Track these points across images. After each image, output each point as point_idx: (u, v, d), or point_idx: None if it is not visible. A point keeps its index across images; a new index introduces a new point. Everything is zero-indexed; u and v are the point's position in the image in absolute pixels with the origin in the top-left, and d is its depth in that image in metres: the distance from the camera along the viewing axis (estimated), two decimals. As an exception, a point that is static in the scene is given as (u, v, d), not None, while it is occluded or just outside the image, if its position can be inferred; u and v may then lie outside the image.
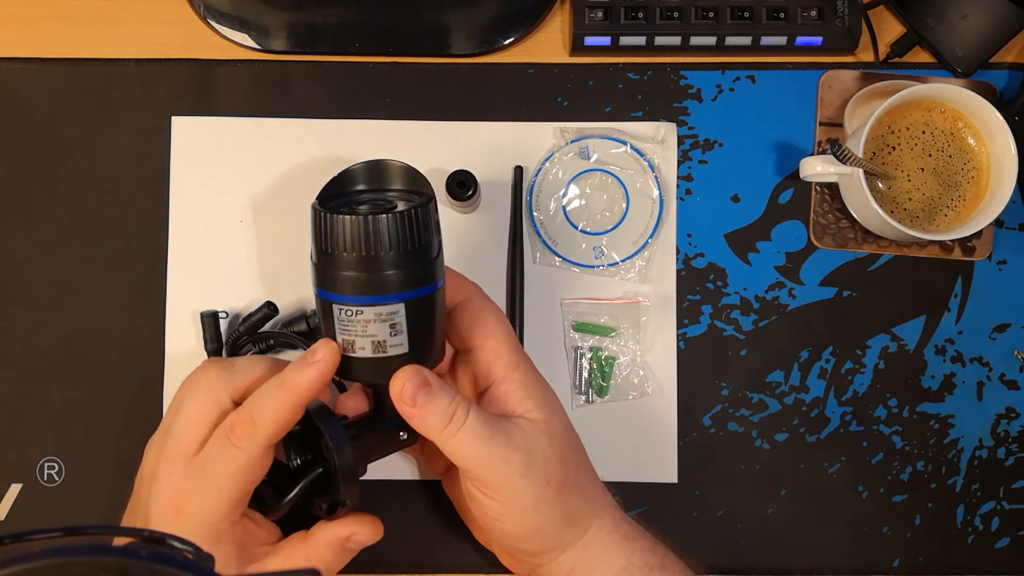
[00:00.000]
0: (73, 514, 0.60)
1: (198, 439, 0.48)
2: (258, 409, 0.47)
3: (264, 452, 0.47)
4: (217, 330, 0.60)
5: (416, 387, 0.47)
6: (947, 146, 0.61)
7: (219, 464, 0.47)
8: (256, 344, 0.60)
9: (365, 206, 0.48)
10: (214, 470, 0.47)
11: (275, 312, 0.60)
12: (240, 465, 0.47)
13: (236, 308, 0.62)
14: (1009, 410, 0.63)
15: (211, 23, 0.64)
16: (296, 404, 0.47)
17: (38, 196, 0.63)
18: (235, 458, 0.47)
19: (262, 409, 0.47)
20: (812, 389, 0.62)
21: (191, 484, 0.48)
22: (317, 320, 0.51)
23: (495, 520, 0.50)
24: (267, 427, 0.47)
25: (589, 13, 0.62)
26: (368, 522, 0.51)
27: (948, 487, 0.62)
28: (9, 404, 0.61)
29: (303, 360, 0.48)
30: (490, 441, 0.48)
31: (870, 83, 0.64)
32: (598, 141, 0.63)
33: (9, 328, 0.62)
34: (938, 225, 0.61)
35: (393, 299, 0.46)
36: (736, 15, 0.62)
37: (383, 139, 0.63)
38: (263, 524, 0.52)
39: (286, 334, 0.60)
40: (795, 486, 0.62)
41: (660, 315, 0.62)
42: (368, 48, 0.64)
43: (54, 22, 0.64)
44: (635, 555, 0.52)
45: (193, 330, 0.62)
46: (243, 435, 0.47)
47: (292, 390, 0.47)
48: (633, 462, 0.62)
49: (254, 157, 0.63)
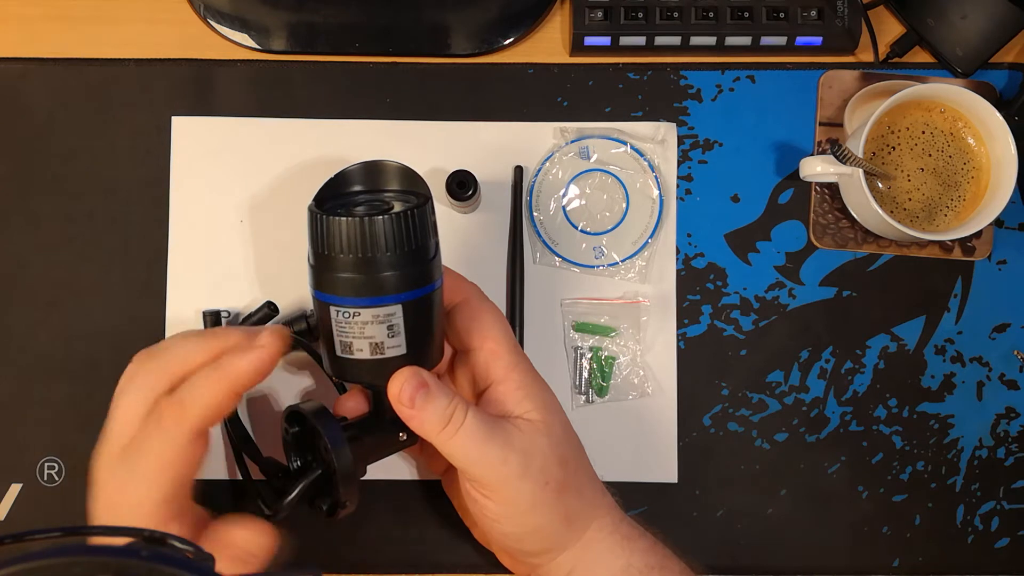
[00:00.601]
0: (73, 514, 0.60)
1: (130, 435, 0.45)
2: (189, 393, 0.44)
3: (193, 439, 0.44)
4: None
5: (414, 388, 0.47)
6: (947, 146, 0.61)
7: (147, 454, 0.44)
8: None
9: (361, 207, 0.48)
10: (142, 461, 0.44)
11: (275, 312, 0.60)
12: (168, 453, 0.44)
13: (236, 308, 0.62)
14: (1009, 410, 0.63)
15: (211, 23, 0.64)
16: (232, 391, 0.45)
17: (38, 196, 0.63)
18: (163, 445, 0.44)
19: (193, 393, 0.44)
20: (812, 389, 0.62)
21: (121, 480, 0.45)
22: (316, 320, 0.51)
23: (494, 521, 0.50)
24: (197, 411, 0.44)
25: (589, 13, 0.62)
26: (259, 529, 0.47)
27: (948, 487, 0.62)
28: (9, 404, 0.62)
29: (244, 345, 0.45)
30: (489, 442, 0.48)
31: (870, 83, 0.64)
32: (598, 141, 0.63)
33: (9, 328, 0.62)
34: (938, 225, 0.61)
35: (390, 300, 0.46)
36: (736, 15, 0.62)
37: (383, 139, 0.63)
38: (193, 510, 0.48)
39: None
40: (795, 486, 0.62)
41: (660, 315, 0.62)
42: (368, 48, 0.64)
43: (54, 22, 0.64)
44: (635, 555, 0.52)
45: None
46: (171, 419, 0.44)
47: (229, 375, 0.45)
48: (633, 462, 0.62)
49: (254, 157, 0.63)
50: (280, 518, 0.50)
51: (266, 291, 0.62)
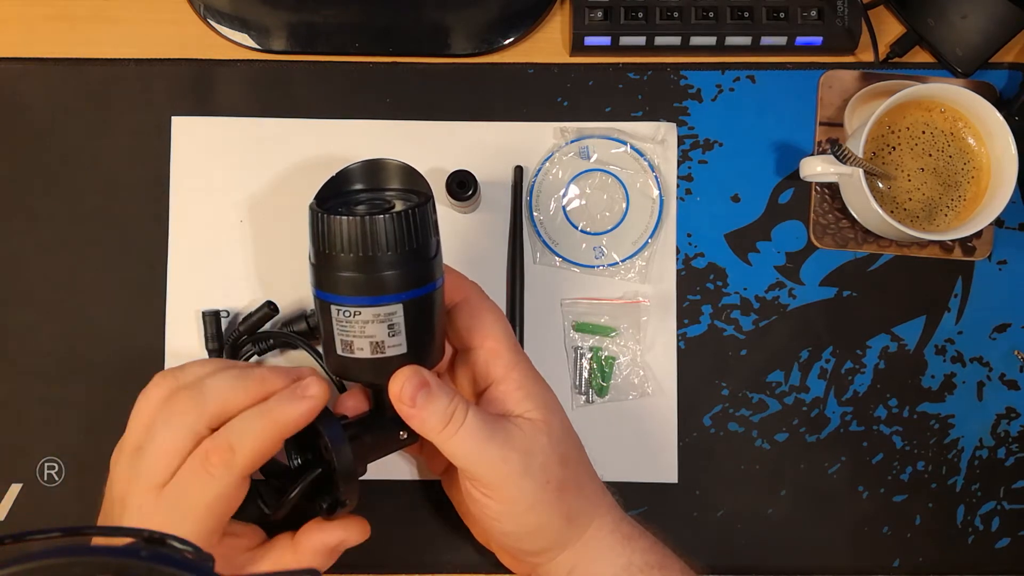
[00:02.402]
0: (73, 514, 0.60)
1: (170, 469, 0.46)
2: (238, 438, 0.45)
3: (241, 482, 0.46)
4: (219, 329, 0.60)
5: (415, 387, 0.47)
6: (947, 146, 0.61)
7: (193, 494, 0.45)
8: (256, 344, 0.60)
9: (363, 206, 0.48)
10: (188, 501, 0.45)
11: (275, 312, 0.60)
12: (216, 496, 0.45)
13: (236, 308, 0.62)
14: (1009, 410, 0.63)
15: (211, 23, 0.64)
16: (280, 437, 0.46)
17: (38, 196, 0.63)
18: (211, 488, 0.45)
19: (242, 439, 0.45)
20: (812, 389, 0.62)
21: (164, 515, 0.45)
22: (316, 320, 0.51)
23: (495, 520, 0.50)
24: (246, 458, 0.45)
25: (589, 13, 0.62)
26: (356, 525, 0.51)
27: (948, 487, 0.62)
28: (9, 404, 0.62)
29: (292, 393, 0.46)
30: (489, 441, 0.48)
31: (870, 83, 0.64)
32: (598, 141, 0.63)
33: (9, 328, 0.62)
34: (938, 225, 0.61)
35: (391, 300, 0.46)
36: (736, 15, 0.62)
37: (383, 139, 0.63)
38: (243, 532, 0.51)
39: (286, 334, 0.60)
40: (795, 486, 0.62)
41: (660, 315, 0.62)
42: (368, 48, 0.64)
43: (54, 22, 0.64)
44: (635, 554, 0.52)
45: (194, 330, 0.62)
46: (220, 464, 0.45)
47: (279, 423, 0.46)
48: (633, 462, 0.62)
49: (254, 157, 0.63)
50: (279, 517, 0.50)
51: (266, 291, 0.62)
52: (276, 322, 0.61)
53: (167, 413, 0.47)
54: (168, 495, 0.46)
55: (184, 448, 0.46)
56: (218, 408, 0.46)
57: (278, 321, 0.61)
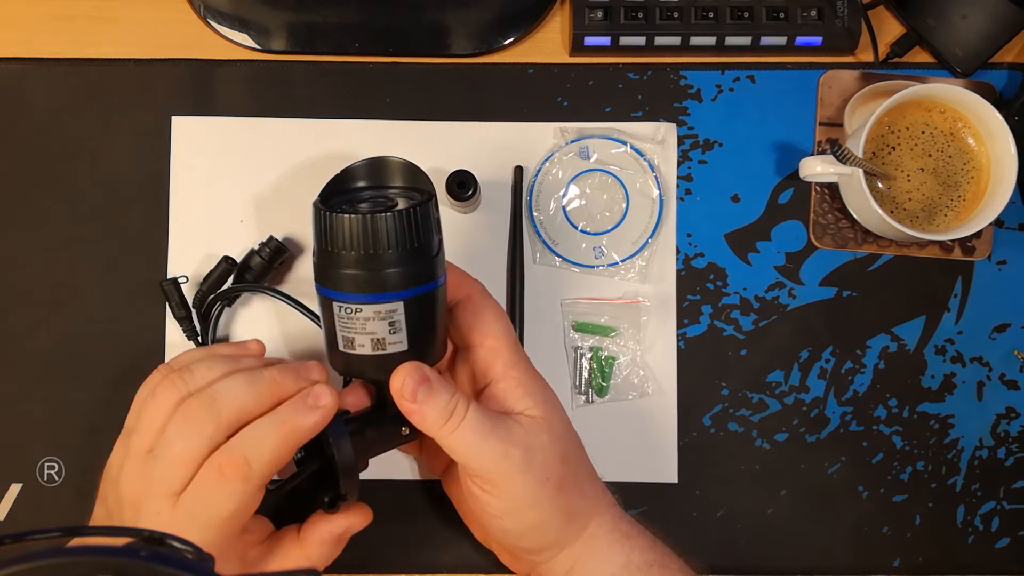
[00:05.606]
0: (73, 514, 0.60)
1: (187, 477, 0.46)
2: (253, 450, 0.46)
3: (257, 492, 0.47)
4: (182, 296, 0.61)
5: (416, 383, 0.47)
6: (947, 146, 0.61)
7: (213, 504, 0.46)
8: (222, 299, 0.60)
9: (366, 204, 0.48)
10: (208, 511, 0.46)
11: (234, 266, 0.60)
12: (235, 507, 0.46)
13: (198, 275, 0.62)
14: (1009, 410, 0.63)
15: (211, 23, 0.64)
16: (294, 447, 0.47)
17: (38, 196, 0.63)
18: (230, 500, 0.46)
19: (259, 450, 0.46)
20: (812, 389, 0.62)
21: (182, 524, 0.46)
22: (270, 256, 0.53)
23: (495, 517, 0.50)
24: (263, 469, 0.46)
25: (589, 13, 0.62)
26: (359, 511, 0.52)
27: (948, 487, 0.62)
28: (9, 404, 0.62)
29: (304, 403, 0.47)
30: (490, 437, 0.48)
31: (870, 83, 0.64)
32: (598, 141, 0.63)
33: (9, 328, 0.62)
34: (938, 225, 0.61)
35: (392, 297, 0.46)
36: (736, 15, 0.62)
37: (383, 139, 0.63)
38: (252, 527, 0.51)
39: (249, 284, 0.60)
40: (795, 486, 0.62)
41: (660, 315, 0.62)
42: (368, 48, 0.64)
43: (54, 22, 0.64)
44: (634, 553, 0.52)
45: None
46: (236, 476, 0.45)
47: (293, 433, 0.47)
48: (633, 462, 0.62)
49: (254, 157, 0.63)
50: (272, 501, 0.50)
51: (266, 291, 0.62)
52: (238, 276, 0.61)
53: (182, 421, 0.47)
54: (185, 503, 0.46)
55: (200, 456, 0.46)
56: (234, 417, 0.47)
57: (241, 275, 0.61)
